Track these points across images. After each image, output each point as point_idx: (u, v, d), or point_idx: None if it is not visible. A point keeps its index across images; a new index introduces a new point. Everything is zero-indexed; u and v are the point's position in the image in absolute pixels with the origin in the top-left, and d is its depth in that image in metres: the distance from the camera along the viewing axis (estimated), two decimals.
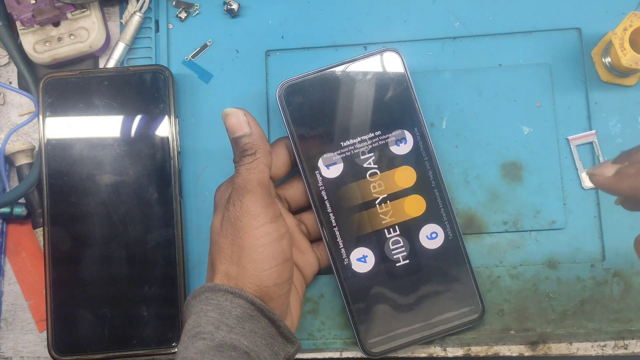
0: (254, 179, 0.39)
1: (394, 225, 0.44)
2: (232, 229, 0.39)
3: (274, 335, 0.39)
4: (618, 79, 0.46)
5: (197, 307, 0.38)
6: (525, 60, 0.47)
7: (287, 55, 0.48)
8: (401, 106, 0.44)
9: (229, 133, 0.41)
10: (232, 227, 0.39)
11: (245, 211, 0.39)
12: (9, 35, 0.48)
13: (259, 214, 0.39)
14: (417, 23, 0.48)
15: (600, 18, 0.47)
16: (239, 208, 0.39)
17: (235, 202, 0.39)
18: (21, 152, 0.47)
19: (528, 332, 0.45)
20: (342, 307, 0.45)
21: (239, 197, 0.39)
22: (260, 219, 0.39)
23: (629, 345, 0.45)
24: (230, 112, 0.41)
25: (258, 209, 0.39)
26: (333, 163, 0.44)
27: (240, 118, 0.41)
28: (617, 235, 0.45)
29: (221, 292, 0.38)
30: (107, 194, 0.45)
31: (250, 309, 0.38)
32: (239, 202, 0.39)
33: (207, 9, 0.49)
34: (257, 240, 0.38)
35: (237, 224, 0.39)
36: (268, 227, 0.39)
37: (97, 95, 0.46)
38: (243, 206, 0.39)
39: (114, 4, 0.50)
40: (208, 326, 0.37)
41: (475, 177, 0.46)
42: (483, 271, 0.46)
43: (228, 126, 0.41)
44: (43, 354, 0.47)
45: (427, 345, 0.45)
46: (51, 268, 0.45)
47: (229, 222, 0.39)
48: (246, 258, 0.38)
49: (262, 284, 0.38)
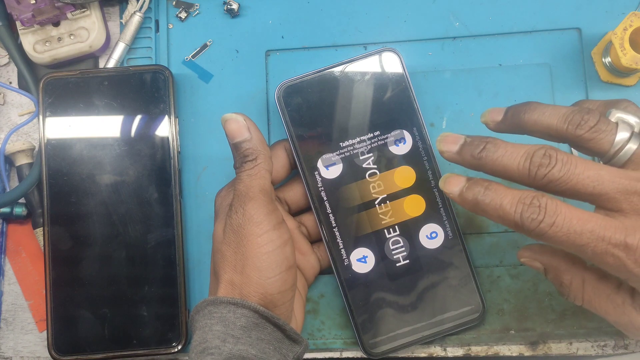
0: (255, 185, 0.39)
1: (393, 225, 0.44)
2: (235, 237, 0.39)
3: (281, 339, 0.39)
4: (618, 79, 0.46)
5: (202, 322, 0.38)
6: (525, 60, 0.47)
7: (287, 55, 0.48)
8: (400, 106, 0.44)
9: (228, 138, 0.41)
10: (235, 235, 0.39)
11: (248, 219, 0.38)
12: (9, 35, 0.48)
13: (261, 222, 0.39)
14: (417, 23, 0.48)
15: (600, 18, 0.47)
16: (242, 215, 0.39)
17: (238, 209, 0.39)
18: (21, 152, 0.48)
19: (528, 332, 0.45)
20: (342, 307, 0.45)
21: (241, 205, 0.39)
22: (263, 227, 0.38)
23: (629, 345, 0.45)
24: (229, 117, 0.41)
25: (261, 217, 0.39)
26: (332, 164, 0.44)
27: (240, 123, 0.40)
28: None
29: (223, 304, 0.38)
30: (107, 194, 0.45)
31: (254, 317, 0.37)
32: (242, 209, 0.39)
33: (207, 9, 0.49)
34: (261, 248, 0.38)
35: (240, 231, 0.39)
36: (271, 234, 0.39)
37: (97, 95, 0.46)
38: (246, 214, 0.39)
39: (114, 4, 0.50)
40: (214, 340, 0.36)
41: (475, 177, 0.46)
42: (483, 271, 0.46)
43: (228, 131, 0.40)
44: (43, 354, 0.47)
45: (427, 345, 0.45)
46: (51, 268, 0.45)
47: (232, 230, 0.39)
48: (250, 266, 0.38)
49: (266, 292, 0.38)
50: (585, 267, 0.37)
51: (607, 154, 0.34)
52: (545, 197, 0.33)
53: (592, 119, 0.34)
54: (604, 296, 0.36)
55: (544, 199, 0.33)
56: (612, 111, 0.35)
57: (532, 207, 0.33)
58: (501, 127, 0.38)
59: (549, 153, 0.33)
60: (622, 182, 0.33)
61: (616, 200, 0.33)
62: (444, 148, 0.37)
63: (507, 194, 0.34)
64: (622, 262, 0.32)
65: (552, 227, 0.32)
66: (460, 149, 0.37)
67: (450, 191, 0.36)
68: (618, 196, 0.33)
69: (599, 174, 0.33)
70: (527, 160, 0.34)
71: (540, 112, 0.36)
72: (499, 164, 0.35)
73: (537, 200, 0.33)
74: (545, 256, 0.38)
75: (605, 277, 0.36)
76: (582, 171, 0.33)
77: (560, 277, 0.37)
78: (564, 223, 0.32)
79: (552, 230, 0.32)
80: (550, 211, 0.33)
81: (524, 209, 0.33)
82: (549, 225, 0.32)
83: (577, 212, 0.33)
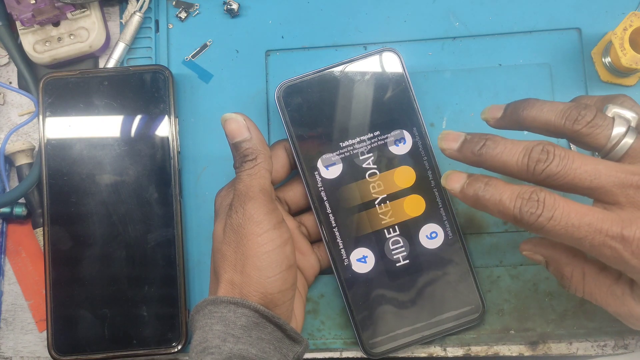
0: (255, 185, 0.39)
1: (393, 225, 0.44)
2: (235, 237, 0.39)
3: (281, 338, 0.39)
4: (618, 79, 0.46)
5: (202, 322, 0.38)
6: (525, 60, 0.47)
7: (287, 55, 0.48)
8: (400, 106, 0.44)
9: (228, 138, 0.41)
10: (235, 235, 0.39)
11: (248, 218, 0.39)
12: (9, 35, 0.48)
13: (262, 221, 0.39)
14: (417, 23, 0.48)
15: (600, 18, 0.47)
16: (242, 215, 0.39)
17: (238, 209, 0.39)
18: (21, 152, 0.48)
19: (528, 332, 0.45)
20: (342, 307, 0.45)
21: (241, 204, 0.39)
22: (263, 226, 0.39)
23: (629, 345, 0.45)
24: (229, 117, 0.41)
25: (261, 216, 0.39)
26: (332, 164, 0.44)
27: (239, 123, 0.41)
28: None
29: (224, 303, 0.38)
30: (107, 194, 0.45)
31: (254, 317, 0.37)
32: (242, 209, 0.39)
33: (207, 9, 0.49)
34: (261, 248, 0.38)
35: (240, 231, 0.39)
36: (271, 233, 0.39)
37: (97, 95, 0.46)
38: (246, 213, 0.39)
39: (114, 4, 0.50)
40: (215, 340, 0.36)
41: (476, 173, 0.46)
42: (483, 271, 0.46)
43: (228, 131, 0.41)
44: (43, 354, 0.47)
45: (427, 345, 0.45)
46: (51, 268, 0.45)
47: (232, 230, 0.39)
48: (250, 266, 0.38)
49: (267, 291, 0.38)
50: (586, 259, 0.37)
51: (604, 149, 0.35)
52: (543, 192, 0.34)
53: (589, 114, 0.35)
54: (604, 288, 0.36)
55: (542, 194, 0.33)
56: (609, 106, 0.36)
57: (531, 202, 0.33)
58: (501, 123, 0.39)
59: (546, 149, 0.34)
60: (618, 175, 0.33)
61: (613, 193, 0.33)
62: (445, 146, 0.38)
63: (507, 189, 0.34)
64: (619, 254, 0.32)
65: (550, 221, 0.33)
66: (460, 146, 0.37)
67: (452, 187, 0.37)
68: (615, 189, 0.33)
69: (596, 168, 0.33)
70: (526, 156, 0.34)
71: (538, 109, 0.36)
72: (498, 160, 0.35)
73: (536, 194, 0.34)
74: (546, 249, 0.39)
75: (605, 269, 0.36)
76: (579, 165, 0.33)
77: (561, 269, 0.38)
78: (562, 216, 0.33)
79: (550, 224, 0.33)
80: (549, 205, 0.33)
81: (523, 203, 0.34)
82: (547, 219, 0.33)
83: (575, 205, 0.33)
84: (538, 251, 0.39)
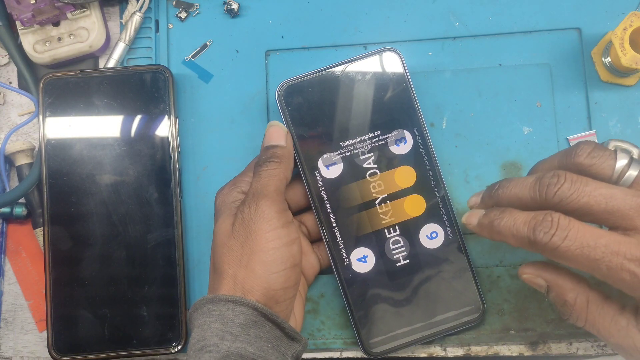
0: (272, 184, 0.41)
1: (394, 225, 0.44)
2: (245, 231, 0.39)
3: (280, 336, 0.39)
4: (618, 79, 0.46)
5: (200, 320, 0.38)
6: (525, 60, 0.47)
7: (287, 55, 0.48)
8: (400, 106, 0.44)
9: (265, 140, 0.42)
10: (244, 229, 0.39)
11: (259, 214, 0.39)
12: (9, 35, 0.48)
13: (272, 218, 0.39)
14: (417, 23, 0.48)
15: (600, 18, 0.47)
16: (254, 211, 0.40)
17: (251, 204, 0.40)
18: (21, 152, 0.48)
19: (528, 332, 0.45)
20: (342, 307, 0.45)
21: (255, 200, 0.40)
22: (272, 223, 0.39)
23: None
24: (275, 123, 0.43)
25: (272, 214, 0.40)
26: (333, 163, 0.44)
27: (282, 132, 0.42)
28: None
29: (222, 302, 0.38)
30: (107, 194, 0.45)
31: (253, 315, 0.38)
32: (255, 204, 0.40)
33: (207, 9, 0.49)
34: (269, 244, 0.39)
35: (250, 225, 0.39)
36: (280, 231, 0.39)
37: (97, 95, 0.46)
38: (258, 209, 0.39)
39: (114, 4, 0.50)
40: (213, 338, 0.37)
41: (475, 177, 0.46)
42: (483, 271, 0.46)
43: (268, 134, 0.42)
44: (43, 354, 0.47)
45: (427, 345, 0.45)
46: (51, 268, 0.45)
47: (242, 224, 0.40)
48: (256, 260, 0.39)
49: (269, 287, 0.38)
50: (590, 286, 0.37)
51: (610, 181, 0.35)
52: (557, 213, 0.33)
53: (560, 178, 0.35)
54: (607, 317, 0.35)
55: (557, 215, 0.33)
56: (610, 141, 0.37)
57: (545, 222, 0.33)
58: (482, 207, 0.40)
59: (557, 173, 0.34)
60: (634, 199, 0.33)
61: (630, 217, 0.33)
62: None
63: (521, 215, 0.35)
64: (638, 279, 0.31)
65: (565, 241, 0.32)
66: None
67: (470, 222, 0.39)
68: (632, 213, 0.33)
69: (611, 192, 0.33)
70: (537, 183, 0.35)
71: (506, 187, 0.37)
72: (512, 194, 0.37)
73: (550, 215, 0.33)
74: (550, 273, 0.38)
75: (609, 298, 0.36)
76: (593, 188, 0.33)
77: (564, 295, 0.37)
78: (577, 236, 0.32)
79: (565, 244, 0.32)
80: (563, 225, 0.33)
81: (537, 224, 0.33)
82: (562, 238, 0.32)
83: (590, 227, 0.33)
84: (540, 275, 0.38)
